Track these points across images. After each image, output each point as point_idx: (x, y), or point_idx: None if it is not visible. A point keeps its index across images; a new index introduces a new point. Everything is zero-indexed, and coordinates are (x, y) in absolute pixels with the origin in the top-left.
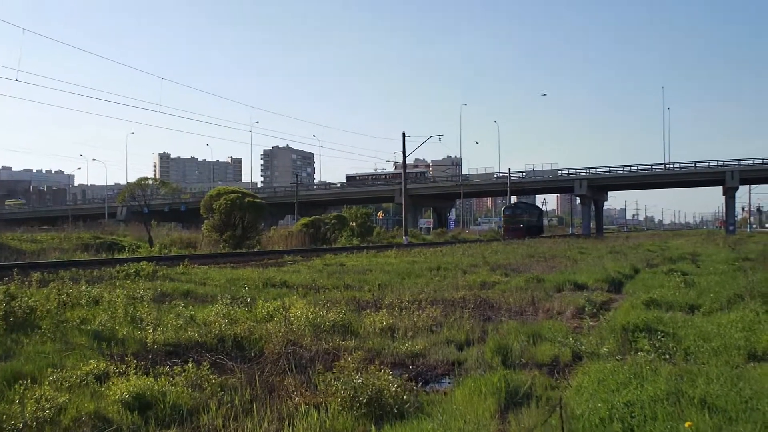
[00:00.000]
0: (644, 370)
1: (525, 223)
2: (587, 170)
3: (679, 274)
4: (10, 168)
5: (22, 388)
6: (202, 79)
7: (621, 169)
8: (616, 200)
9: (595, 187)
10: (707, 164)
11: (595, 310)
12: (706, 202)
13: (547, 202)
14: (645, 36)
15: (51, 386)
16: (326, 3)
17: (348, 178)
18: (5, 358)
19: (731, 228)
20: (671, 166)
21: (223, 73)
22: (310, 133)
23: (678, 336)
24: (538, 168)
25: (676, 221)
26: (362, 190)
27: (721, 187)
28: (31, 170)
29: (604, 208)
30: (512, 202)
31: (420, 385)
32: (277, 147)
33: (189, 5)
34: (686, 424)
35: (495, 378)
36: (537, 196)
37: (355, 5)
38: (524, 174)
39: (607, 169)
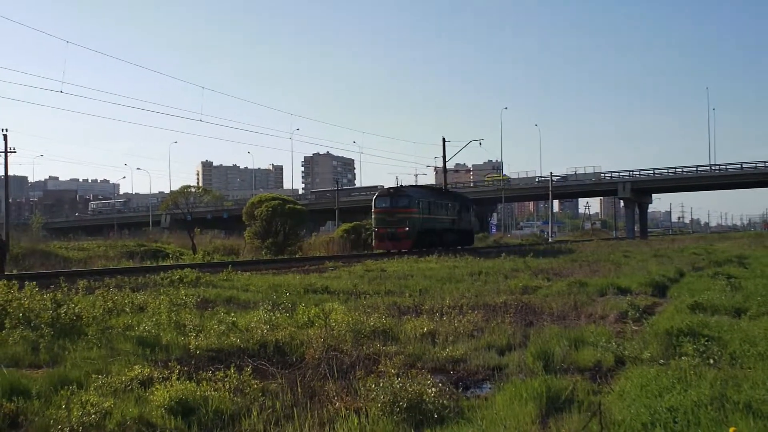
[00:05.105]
0: (688, 374)
1: (413, 224)
2: (631, 173)
3: (725, 277)
4: (57, 178)
5: (68, 393)
6: (243, 87)
7: (665, 171)
8: (660, 203)
9: (639, 189)
10: (754, 165)
11: (638, 314)
12: (754, 203)
13: (590, 205)
14: (688, 36)
15: (96, 392)
16: (366, 11)
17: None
18: (52, 364)
19: None
20: (717, 167)
21: (264, 81)
22: (350, 140)
23: (723, 340)
24: (580, 171)
25: (723, 223)
26: None
27: None
28: (77, 180)
29: (649, 210)
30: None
31: (460, 390)
32: (318, 154)
33: (229, 15)
34: (730, 430)
35: (536, 383)
36: (579, 199)
37: (394, 13)
38: (566, 177)
39: (652, 172)
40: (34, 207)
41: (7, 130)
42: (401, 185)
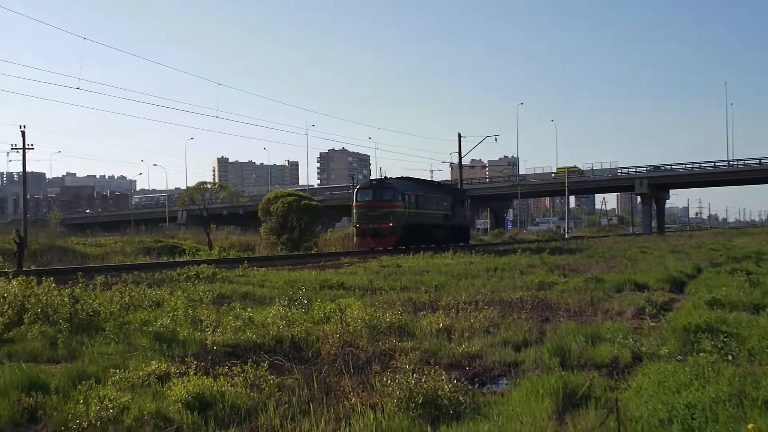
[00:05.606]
0: (706, 371)
1: (398, 220)
2: (648, 168)
3: (744, 273)
4: (74, 174)
5: (86, 388)
6: (259, 84)
7: (683, 166)
8: (678, 198)
9: (656, 185)
10: None
11: (655, 310)
12: None
13: (607, 201)
14: (701, 33)
15: (114, 386)
16: (381, 8)
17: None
18: (70, 359)
19: None
20: (735, 163)
21: (279, 77)
22: (365, 136)
23: (742, 336)
24: (597, 167)
25: (741, 219)
26: None
27: None
28: (94, 176)
29: (666, 206)
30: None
31: (476, 386)
32: (333, 150)
33: (245, 12)
34: (749, 426)
35: (552, 379)
36: (596, 195)
37: (409, 10)
38: (583, 173)
39: (669, 167)
40: (51, 203)
41: (25, 126)
42: (385, 176)
